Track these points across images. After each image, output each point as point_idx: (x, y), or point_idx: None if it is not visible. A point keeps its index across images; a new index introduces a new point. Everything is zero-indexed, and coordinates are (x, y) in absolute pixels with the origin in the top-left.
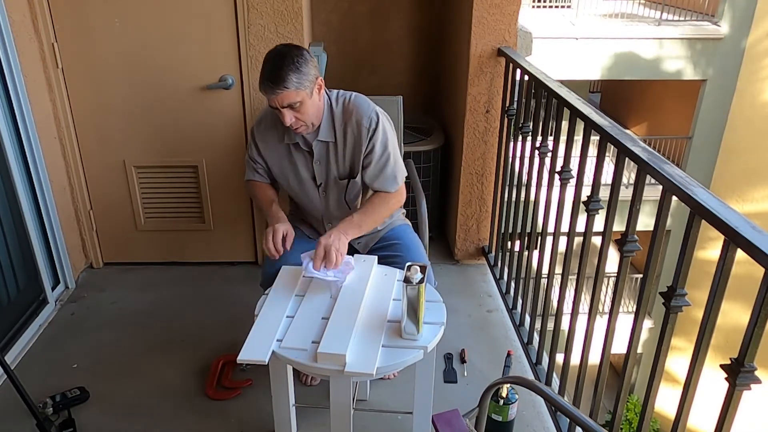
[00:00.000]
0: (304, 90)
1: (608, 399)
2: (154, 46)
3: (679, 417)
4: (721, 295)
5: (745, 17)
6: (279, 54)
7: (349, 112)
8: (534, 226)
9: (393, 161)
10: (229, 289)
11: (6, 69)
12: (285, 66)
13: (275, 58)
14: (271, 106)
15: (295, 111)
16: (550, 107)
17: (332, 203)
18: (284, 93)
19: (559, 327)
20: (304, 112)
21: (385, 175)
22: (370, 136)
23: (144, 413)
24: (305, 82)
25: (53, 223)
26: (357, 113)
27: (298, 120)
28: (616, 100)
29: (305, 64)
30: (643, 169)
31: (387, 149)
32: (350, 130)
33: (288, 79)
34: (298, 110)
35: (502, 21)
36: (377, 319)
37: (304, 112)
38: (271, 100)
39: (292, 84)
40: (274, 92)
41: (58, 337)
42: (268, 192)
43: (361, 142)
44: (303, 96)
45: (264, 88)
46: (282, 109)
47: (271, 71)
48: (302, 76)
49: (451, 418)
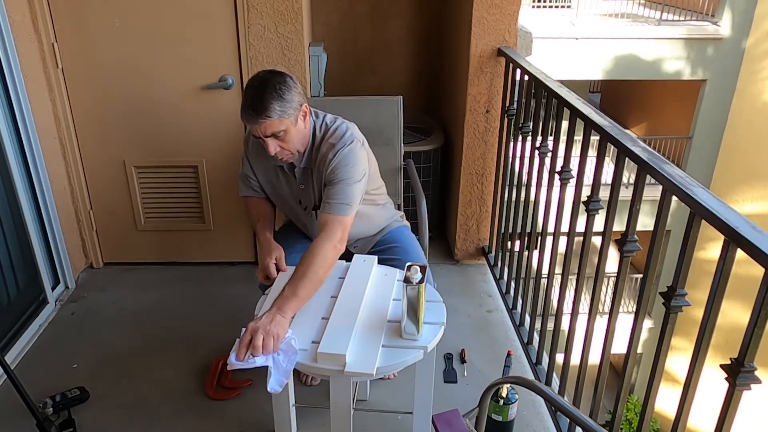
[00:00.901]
0: (288, 118)
1: (608, 399)
2: (155, 46)
3: (679, 417)
4: (721, 295)
5: (745, 17)
6: (261, 81)
7: (324, 141)
8: (534, 226)
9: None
10: (229, 289)
11: (6, 69)
12: (267, 94)
13: (257, 86)
14: (253, 136)
15: (279, 140)
16: (550, 107)
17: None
18: (267, 122)
19: (559, 327)
20: (289, 140)
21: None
22: (328, 166)
23: (144, 413)
24: (289, 110)
25: (53, 223)
26: (330, 143)
27: (282, 149)
28: (616, 100)
29: (288, 91)
30: (643, 169)
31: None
32: (320, 157)
33: (270, 108)
34: (282, 139)
35: (502, 21)
36: (377, 319)
37: (289, 141)
38: (254, 130)
39: (275, 113)
40: (256, 122)
41: (58, 337)
42: (261, 209)
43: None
44: (287, 124)
45: (246, 117)
46: (265, 138)
47: (252, 99)
48: (285, 103)
49: (451, 418)
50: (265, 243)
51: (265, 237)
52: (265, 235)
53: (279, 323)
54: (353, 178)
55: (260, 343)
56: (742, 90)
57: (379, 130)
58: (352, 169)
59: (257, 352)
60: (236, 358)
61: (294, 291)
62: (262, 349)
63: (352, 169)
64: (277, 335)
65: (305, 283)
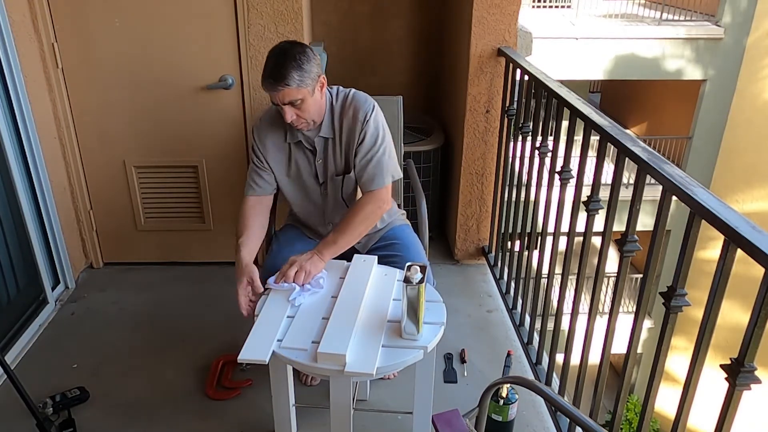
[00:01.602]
0: (306, 87)
1: (608, 399)
2: (154, 46)
3: (679, 417)
4: (721, 295)
5: (745, 17)
6: (281, 51)
7: (347, 106)
8: (534, 226)
9: (384, 157)
10: (229, 289)
11: (6, 69)
12: (287, 63)
13: (278, 55)
14: (273, 103)
15: (296, 108)
16: (550, 107)
17: (331, 202)
18: (285, 90)
19: (559, 327)
20: (305, 109)
21: (370, 170)
22: (361, 129)
23: (144, 413)
24: (307, 80)
25: (53, 223)
26: (354, 107)
27: (299, 117)
28: (616, 100)
29: (308, 61)
30: (643, 169)
31: (377, 143)
32: (346, 122)
33: (289, 77)
34: (299, 107)
35: (502, 21)
36: (377, 319)
37: (305, 110)
38: (273, 97)
39: (294, 81)
40: (275, 89)
41: (58, 337)
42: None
43: (355, 135)
44: (304, 93)
45: (265, 84)
46: (283, 106)
47: (272, 68)
48: (304, 73)
49: (451, 418)
50: (238, 264)
51: (240, 256)
52: (241, 254)
53: (314, 263)
54: (386, 145)
55: (292, 274)
56: (742, 90)
57: None
58: (383, 135)
59: (289, 280)
60: (274, 281)
61: (335, 240)
62: (294, 279)
63: (382, 136)
64: (309, 272)
65: (346, 236)
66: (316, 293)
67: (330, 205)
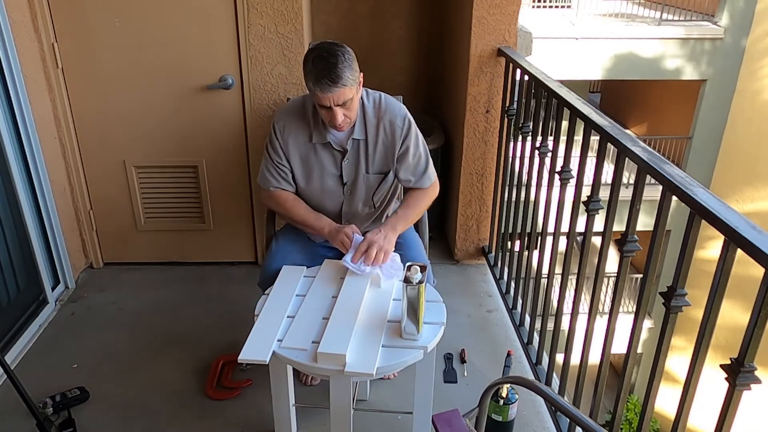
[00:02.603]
0: (355, 86)
1: (608, 399)
2: (154, 47)
3: (679, 417)
4: (721, 295)
5: (744, 17)
6: (329, 52)
7: (382, 111)
8: (534, 226)
9: (426, 159)
10: (229, 289)
11: (6, 69)
12: (339, 63)
13: (327, 56)
14: (322, 105)
15: (345, 108)
16: (550, 107)
17: (356, 201)
18: (341, 90)
19: (559, 327)
20: (353, 108)
21: (419, 173)
22: (404, 137)
23: (144, 413)
24: (356, 78)
25: (53, 223)
26: (390, 113)
27: (346, 117)
28: (616, 100)
29: (353, 60)
30: (643, 169)
31: (419, 149)
32: (382, 128)
33: (345, 77)
34: (348, 107)
35: (502, 21)
36: (377, 319)
37: (353, 109)
38: (326, 99)
39: (349, 81)
40: (331, 90)
41: (58, 337)
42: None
43: (395, 142)
44: (354, 92)
45: (321, 87)
46: (335, 107)
47: (327, 69)
48: (354, 72)
49: (451, 418)
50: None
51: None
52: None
53: (390, 240)
54: (425, 146)
55: (374, 254)
56: (742, 90)
57: None
58: (421, 137)
59: (369, 261)
60: (352, 260)
61: (405, 215)
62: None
63: (422, 138)
64: (387, 251)
65: (413, 211)
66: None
67: (353, 204)
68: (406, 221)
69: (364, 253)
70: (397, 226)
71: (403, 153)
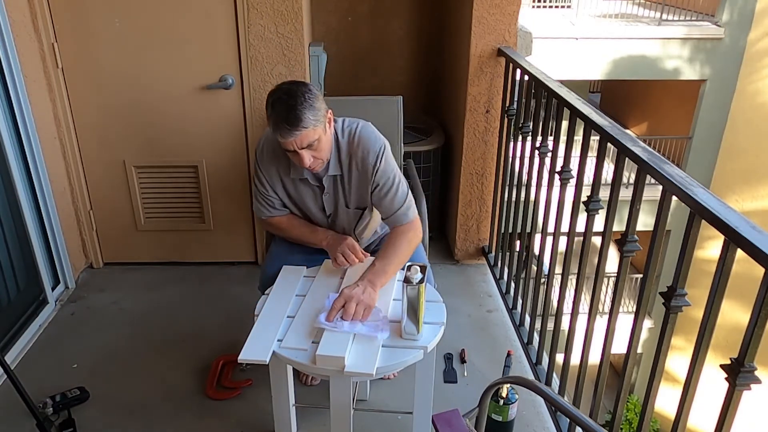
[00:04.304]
0: (319, 126)
1: (608, 399)
2: (154, 46)
3: (679, 417)
4: (721, 295)
5: (744, 17)
6: (288, 93)
7: (354, 146)
8: (534, 226)
9: (403, 196)
10: (229, 289)
11: (6, 69)
12: (298, 105)
13: (286, 99)
14: (287, 150)
15: (312, 150)
16: (550, 107)
17: (339, 230)
18: (303, 133)
19: (559, 327)
20: (321, 149)
21: (396, 207)
22: (375, 173)
23: (144, 413)
24: (320, 118)
25: (53, 223)
26: (363, 148)
27: (315, 159)
28: (616, 100)
29: (316, 99)
30: (643, 169)
31: (392, 185)
32: (355, 164)
33: (305, 119)
34: (316, 148)
35: (502, 21)
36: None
37: (321, 149)
38: (289, 144)
39: (310, 122)
40: (292, 134)
41: (58, 337)
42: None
43: (367, 179)
44: (319, 133)
45: (280, 131)
46: (299, 150)
47: (286, 113)
48: (317, 112)
49: (451, 418)
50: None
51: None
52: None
53: (370, 295)
54: (400, 181)
55: (353, 310)
56: (742, 90)
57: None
58: (396, 172)
59: (348, 317)
60: (325, 319)
61: (385, 269)
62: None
63: (397, 173)
64: (368, 306)
65: (394, 263)
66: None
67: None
68: (385, 275)
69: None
70: (375, 281)
71: (375, 188)
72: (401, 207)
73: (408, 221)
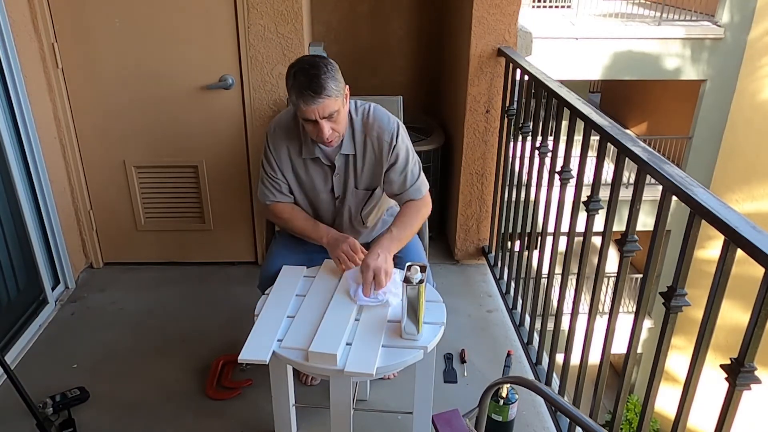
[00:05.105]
0: (340, 98)
1: (608, 399)
2: (154, 46)
3: (679, 417)
4: (721, 295)
5: (744, 16)
6: (311, 64)
7: (369, 125)
8: (534, 226)
9: (418, 171)
10: (229, 289)
11: (6, 69)
12: (322, 74)
13: (309, 69)
14: (307, 119)
15: (332, 122)
16: (550, 107)
17: (346, 214)
18: (326, 101)
19: (559, 327)
20: (339, 121)
21: (409, 184)
22: (391, 151)
23: (144, 413)
24: (341, 90)
25: (53, 223)
26: (378, 127)
27: (333, 131)
28: (616, 100)
29: (337, 72)
30: (643, 169)
31: (408, 161)
32: (370, 143)
33: (329, 87)
34: (335, 120)
35: (502, 21)
36: (377, 319)
37: (339, 122)
38: (311, 112)
39: (333, 91)
40: (315, 102)
41: (58, 337)
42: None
43: (383, 157)
44: (340, 104)
45: (304, 99)
46: (321, 120)
47: (310, 81)
48: (338, 83)
49: (451, 418)
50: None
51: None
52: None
53: (390, 262)
54: (415, 158)
55: (383, 280)
56: (742, 90)
57: None
58: (412, 150)
59: (380, 288)
60: (364, 294)
61: (399, 235)
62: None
63: (411, 149)
64: (390, 273)
65: (408, 231)
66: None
67: (343, 216)
68: (399, 242)
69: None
70: (391, 247)
71: (390, 165)
72: (416, 182)
73: (422, 196)
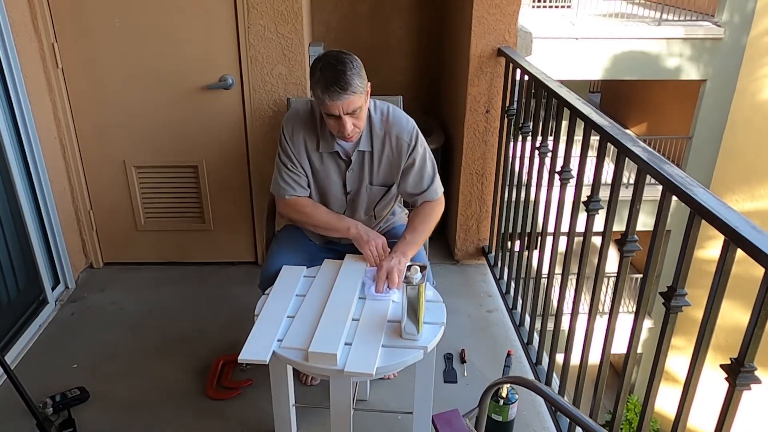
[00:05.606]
0: (363, 95)
1: (608, 399)
2: (154, 46)
3: (679, 417)
4: (721, 295)
5: (744, 16)
6: (337, 60)
7: (389, 125)
8: (534, 226)
9: (433, 173)
10: (229, 289)
11: (6, 69)
12: (347, 71)
13: (336, 64)
14: (331, 114)
15: (354, 117)
16: (550, 107)
17: (358, 211)
18: (351, 98)
19: (559, 327)
20: (361, 117)
21: (426, 184)
22: (410, 152)
23: (144, 413)
24: (365, 87)
25: (53, 223)
26: (397, 127)
27: (355, 127)
28: (616, 100)
29: (361, 68)
30: (643, 169)
31: (426, 163)
32: (389, 143)
33: (354, 84)
34: (357, 116)
35: (502, 21)
36: (377, 319)
37: (361, 118)
38: (335, 107)
39: (358, 88)
40: (341, 98)
41: (58, 337)
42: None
43: (401, 158)
44: (362, 101)
45: (330, 94)
46: (344, 116)
47: (336, 77)
48: (363, 80)
49: (451, 418)
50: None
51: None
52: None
53: (404, 264)
54: (432, 159)
55: (396, 279)
56: (742, 90)
57: None
58: (428, 150)
59: (393, 286)
60: (376, 291)
61: (413, 239)
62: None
63: (428, 151)
64: (401, 273)
65: (421, 235)
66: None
67: (355, 213)
68: (415, 246)
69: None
70: (407, 252)
71: (408, 167)
72: (432, 184)
73: (438, 197)
